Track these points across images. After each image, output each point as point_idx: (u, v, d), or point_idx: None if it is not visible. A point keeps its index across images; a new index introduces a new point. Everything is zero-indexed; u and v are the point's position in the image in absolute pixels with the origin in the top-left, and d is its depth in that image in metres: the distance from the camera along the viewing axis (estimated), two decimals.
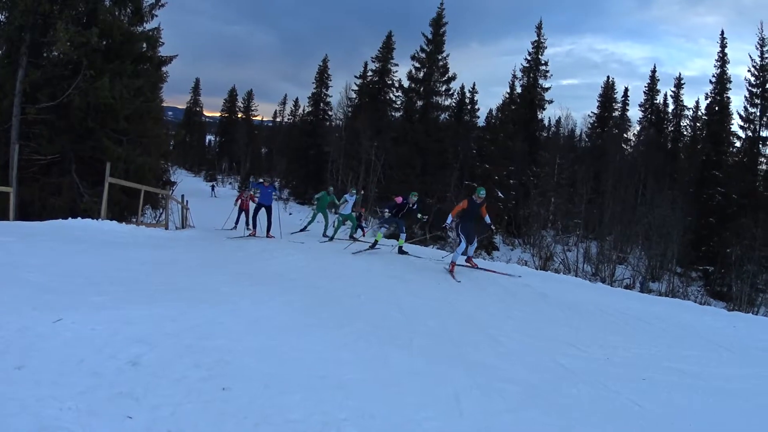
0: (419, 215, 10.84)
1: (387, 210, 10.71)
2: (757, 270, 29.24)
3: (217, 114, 39.01)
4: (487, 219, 9.12)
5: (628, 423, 3.71)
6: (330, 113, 33.40)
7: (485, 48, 48.84)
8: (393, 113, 30.92)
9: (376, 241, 10.88)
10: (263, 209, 11.75)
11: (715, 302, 26.34)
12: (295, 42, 42.20)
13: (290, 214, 34.94)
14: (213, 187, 33.71)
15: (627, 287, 26.12)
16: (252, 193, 12.92)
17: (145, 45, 14.00)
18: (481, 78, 58.96)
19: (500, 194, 27.54)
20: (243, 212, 14.22)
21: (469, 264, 9.45)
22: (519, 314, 6.27)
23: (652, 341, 5.98)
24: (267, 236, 11.52)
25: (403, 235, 10.76)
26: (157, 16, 14.02)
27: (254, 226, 11.96)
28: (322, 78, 33.53)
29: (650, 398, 4.28)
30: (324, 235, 13.30)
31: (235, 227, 14.04)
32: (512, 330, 5.53)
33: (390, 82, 31.23)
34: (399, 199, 10.70)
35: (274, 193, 12.35)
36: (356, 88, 31.92)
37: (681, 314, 7.35)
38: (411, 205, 10.60)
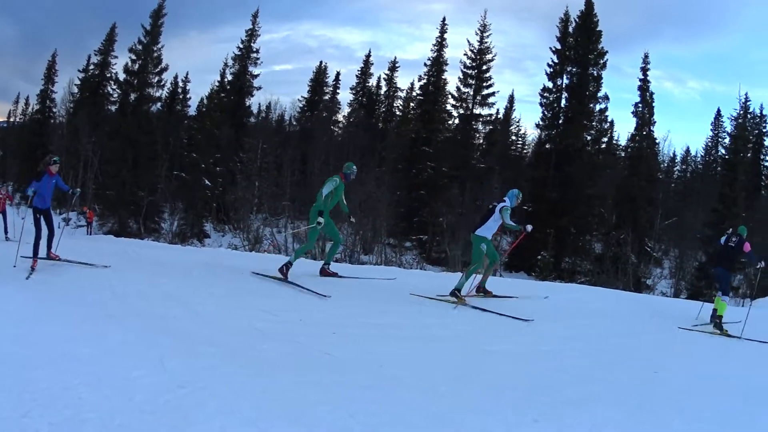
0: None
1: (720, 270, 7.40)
2: None
3: None
4: None
5: (316, 368, 4.34)
6: (55, 110, 32.51)
7: (204, 36, 47.94)
8: (110, 107, 30.40)
9: (719, 324, 7.09)
10: (42, 217, 7.40)
11: (433, 267, 27.43)
12: (33, 35, 39.61)
13: (23, 218, 33.78)
14: None
15: (336, 261, 26.85)
16: (8, 192, 9.32)
17: None
18: (197, 66, 58.02)
19: (207, 182, 27.55)
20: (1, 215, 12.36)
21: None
22: (221, 291, 6.78)
23: (350, 301, 6.72)
24: (49, 256, 7.49)
25: (724, 297, 7.29)
26: None
27: (36, 253, 7.21)
28: (50, 74, 32.52)
29: (341, 348, 4.93)
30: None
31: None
32: (214, 304, 6.16)
33: (109, 75, 30.70)
34: (746, 247, 7.21)
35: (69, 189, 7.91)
36: (79, 82, 31.22)
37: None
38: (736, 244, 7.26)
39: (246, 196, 27.10)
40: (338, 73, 33.51)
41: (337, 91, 32.65)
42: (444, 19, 31.55)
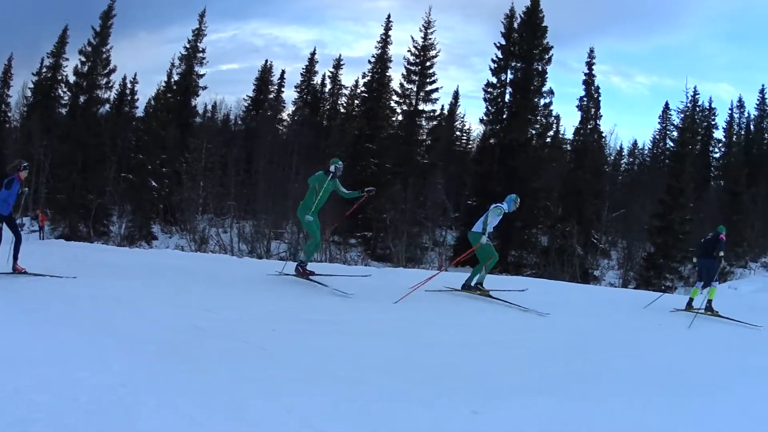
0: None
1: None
2: (419, 230, 31.58)
3: None
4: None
5: (253, 364, 4.57)
6: (10, 114, 33.12)
7: (153, 36, 47.82)
8: (61, 110, 31.00)
9: (710, 306, 8.37)
10: (4, 224, 7.24)
11: (378, 263, 28.11)
12: None
13: None
14: None
15: (281, 259, 27.65)
16: None
17: None
18: (145, 67, 58.55)
19: (154, 183, 28.30)
20: None
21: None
22: (165, 291, 7.04)
23: (286, 298, 7.04)
24: (14, 269, 7.28)
25: (714, 283, 8.58)
26: None
27: None
28: (6, 78, 33.04)
29: (276, 343, 5.18)
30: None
31: None
32: (158, 303, 6.37)
33: (60, 78, 31.28)
34: (722, 237, 8.69)
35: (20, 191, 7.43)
36: (32, 86, 31.76)
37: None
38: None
39: (191, 197, 27.84)
40: (283, 72, 34.10)
41: (282, 89, 33.38)
42: (389, 16, 32.06)
